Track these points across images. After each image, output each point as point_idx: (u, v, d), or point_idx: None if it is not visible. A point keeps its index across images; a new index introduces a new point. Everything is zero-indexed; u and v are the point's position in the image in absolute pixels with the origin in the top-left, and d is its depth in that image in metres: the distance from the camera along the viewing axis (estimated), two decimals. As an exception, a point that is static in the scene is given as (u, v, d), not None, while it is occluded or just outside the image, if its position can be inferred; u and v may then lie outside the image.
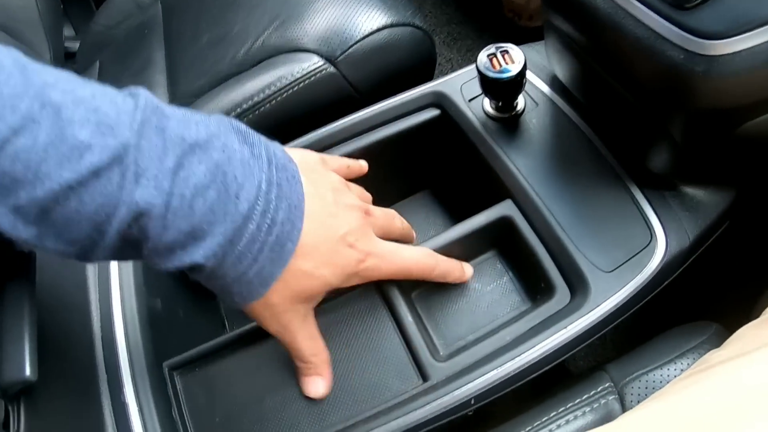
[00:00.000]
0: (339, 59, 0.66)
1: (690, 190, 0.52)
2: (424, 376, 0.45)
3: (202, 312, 0.59)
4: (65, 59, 1.06)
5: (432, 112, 0.59)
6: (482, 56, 0.51)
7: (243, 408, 0.47)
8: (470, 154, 0.57)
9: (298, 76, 0.66)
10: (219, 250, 0.35)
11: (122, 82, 0.83)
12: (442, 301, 0.52)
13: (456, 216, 0.64)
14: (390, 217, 0.48)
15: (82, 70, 0.98)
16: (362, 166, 0.52)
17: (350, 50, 0.66)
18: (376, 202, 0.48)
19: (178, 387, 0.48)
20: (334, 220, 0.40)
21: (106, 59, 0.93)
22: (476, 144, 0.55)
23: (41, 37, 0.96)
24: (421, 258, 0.46)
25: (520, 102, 0.56)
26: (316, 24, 0.68)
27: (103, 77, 0.89)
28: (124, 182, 0.30)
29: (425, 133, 0.60)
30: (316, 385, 0.45)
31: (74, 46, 1.08)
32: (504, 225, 0.52)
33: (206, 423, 0.47)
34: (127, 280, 0.52)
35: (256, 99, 0.65)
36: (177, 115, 0.34)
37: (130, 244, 0.33)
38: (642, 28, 0.42)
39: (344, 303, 0.49)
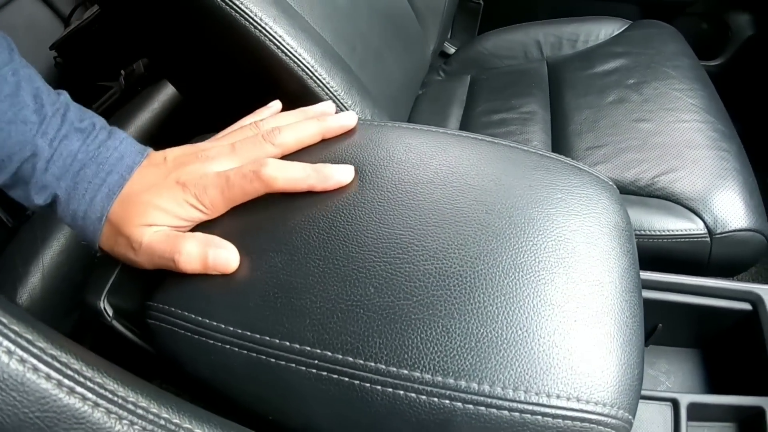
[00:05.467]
0: (717, 236, 0.76)
1: None
2: None
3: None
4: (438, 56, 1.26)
5: (743, 305, 0.70)
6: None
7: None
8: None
9: (675, 231, 0.76)
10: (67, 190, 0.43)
11: (497, 109, 1.02)
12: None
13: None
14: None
15: (453, 74, 1.18)
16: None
17: (730, 234, 0.75)
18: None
19: None
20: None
21: (479, 78, 1.13)
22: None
23: (436, 28, 1.15)
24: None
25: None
26: (709, 193, 0.78)
27: (475, 92, 1.09)
28: (36, 133, 0.41)
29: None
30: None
31: (448, 49, 1.28)
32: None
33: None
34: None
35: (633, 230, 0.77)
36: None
37: (19, 180, 0.42)
38: None
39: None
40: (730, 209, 0.76)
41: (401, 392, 0.34)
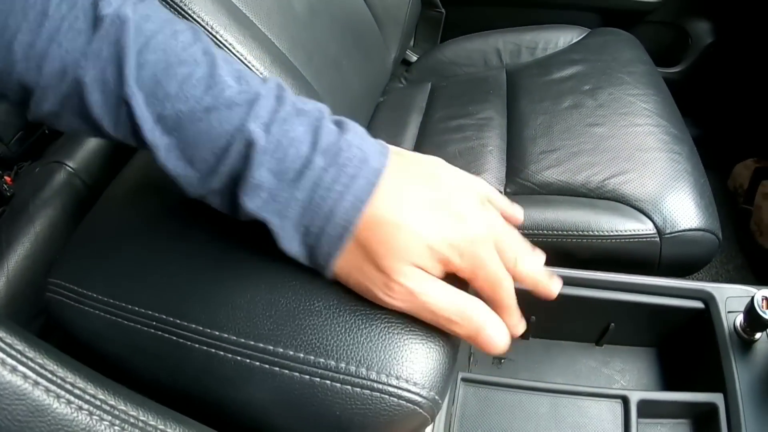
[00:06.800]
0: (666, 236, 0.77)
1: None
2: None
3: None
4: (401, 63, 1.28)
5: (696, 304, 0.71)
6: (758, 297, 0.63)
7: None
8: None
9: (623, 232, 0.77)
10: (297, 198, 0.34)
11: (455, 115, 1.02)
12: None
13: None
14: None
15: (414, 82, 1.19)
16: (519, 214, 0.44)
17: (679, 234, 0.77)
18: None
19: None
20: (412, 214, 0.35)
21: (439, 86, 1.14)
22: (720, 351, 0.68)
23: (397, 37, 1.16)
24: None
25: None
26: (659, 194, 0.79)
27: (434, 100, 1.10)
28: (247, 118, 0.34)
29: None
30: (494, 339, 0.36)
31: (410, 57, 1.30)
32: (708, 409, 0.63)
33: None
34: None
35: (579, 231, 0.78)
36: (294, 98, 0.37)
37: (234, 178, 0.35)
38: None
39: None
40: (680, 210, 0.77)
41: (213, 350, 0.38)
